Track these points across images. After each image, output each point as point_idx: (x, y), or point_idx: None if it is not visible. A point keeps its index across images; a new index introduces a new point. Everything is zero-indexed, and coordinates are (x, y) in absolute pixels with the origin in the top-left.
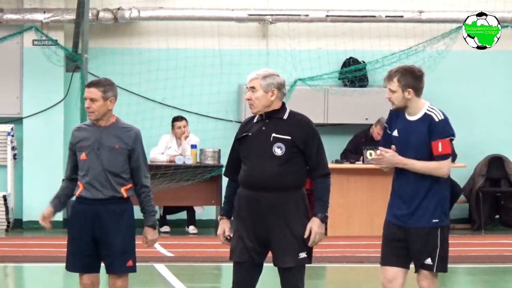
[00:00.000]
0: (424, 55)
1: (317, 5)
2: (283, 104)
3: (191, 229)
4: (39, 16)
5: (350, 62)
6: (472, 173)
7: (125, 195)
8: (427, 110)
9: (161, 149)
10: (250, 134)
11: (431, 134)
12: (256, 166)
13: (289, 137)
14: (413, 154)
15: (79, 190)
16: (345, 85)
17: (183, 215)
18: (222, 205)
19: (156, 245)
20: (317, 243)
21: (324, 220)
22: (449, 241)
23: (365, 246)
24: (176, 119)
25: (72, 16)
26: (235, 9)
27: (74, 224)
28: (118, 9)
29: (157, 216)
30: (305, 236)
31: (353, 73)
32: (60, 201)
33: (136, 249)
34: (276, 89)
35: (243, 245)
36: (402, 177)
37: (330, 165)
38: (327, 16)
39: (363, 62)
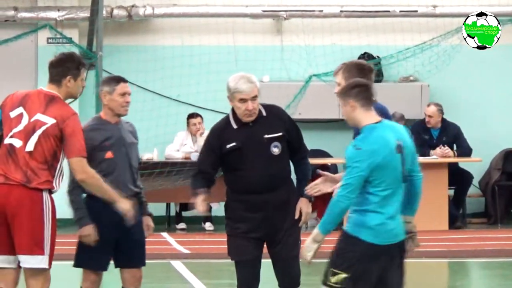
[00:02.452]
0: (439, 49)
1: (331, 1)
2: None
3: (208, 225)
4: (53, 14)
5: (364, 57)
6: (488, 167)
7: (138, 189)
8: None
9: (176, 146)
10: (240, 144)
11: None
12: (259, 171)
13: (280, 133)
14: None
15: None
16: None
17: None
18: (199, 187)
19: (173, 242)
20: (306, 222)
21: (311, 199)
22: (465, 235)
23: None
24: (191, 116)
25: (86, 14)
26: (249, 6)
27: (97, 224)
28: (132, 6)
29: (173, 213)
30: (296, 217)
31: None
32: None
33: (152, 246)
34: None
35: (242, 244)
36: None
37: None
38: (341, 11)
39: (378, 57)
